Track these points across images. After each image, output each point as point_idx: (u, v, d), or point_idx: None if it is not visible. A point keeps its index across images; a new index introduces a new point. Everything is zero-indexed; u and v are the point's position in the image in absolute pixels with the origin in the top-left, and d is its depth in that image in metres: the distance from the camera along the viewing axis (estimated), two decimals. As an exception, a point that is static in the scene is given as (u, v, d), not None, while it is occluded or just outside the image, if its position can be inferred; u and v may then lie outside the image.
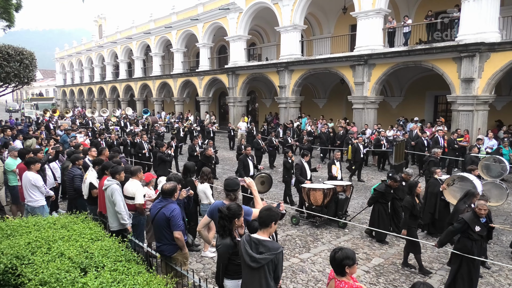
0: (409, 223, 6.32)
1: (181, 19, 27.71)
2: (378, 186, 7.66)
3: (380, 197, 7.53)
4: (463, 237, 5.26)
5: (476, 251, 5.16)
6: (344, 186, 8.68)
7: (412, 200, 6.37)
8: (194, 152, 12.18)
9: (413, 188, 6.49)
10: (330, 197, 8.18)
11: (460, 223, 5.27)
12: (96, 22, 43.14)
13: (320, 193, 8.07)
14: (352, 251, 3.34)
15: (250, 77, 23.17)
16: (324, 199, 8.09)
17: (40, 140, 12.59)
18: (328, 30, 23.14)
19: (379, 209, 7.55)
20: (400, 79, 19.60)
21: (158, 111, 32.29)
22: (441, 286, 5.80)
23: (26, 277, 3.59)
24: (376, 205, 7.62)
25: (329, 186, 8.36)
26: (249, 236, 3.54)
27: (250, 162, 9.61)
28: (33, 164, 6.71)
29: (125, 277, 3.49)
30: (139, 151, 12.69)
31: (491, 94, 13.95)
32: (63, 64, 51.04)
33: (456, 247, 5.34)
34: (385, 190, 7.48)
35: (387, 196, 7.54)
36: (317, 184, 8.79)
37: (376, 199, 7.58)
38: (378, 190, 7.54)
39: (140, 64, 34.89)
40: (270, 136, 15.39)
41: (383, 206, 7.56)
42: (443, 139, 13.58)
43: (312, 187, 8.31)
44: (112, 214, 5.43)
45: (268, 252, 3.35)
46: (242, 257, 3.48)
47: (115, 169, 5.62)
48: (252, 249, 3.40)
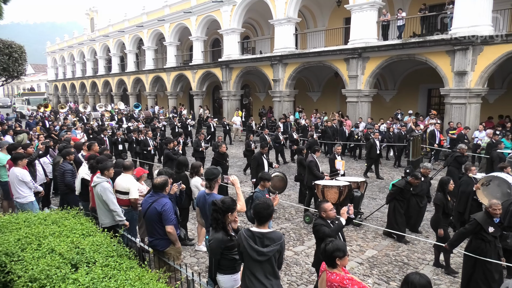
0: (441, 221, 6.01)
1: (174, 12, 27.43)
2: (397, 182, 7.25)
3: (398, 194, 7.15)
4: (475, 238, 4.99)
5: (490, 253, 4.86)
6: (358, 183, 8.27)
7: (444, 197, 6.07)
8: (199, 148, 11.87)
9: (444, 185, 6.16)
10: (346, 195, 7.73)
11: (472, 225, 4.98)
12: (88, 15, 42.54)
13: (336, 191, 7.62)
14: (343, 243, 3.36)
15: (244, 71, 23.05)
16: (340, 197, 7.64)
17: (31, 135, 12.44)
18: (322, 23, 23.05)
19: (395, 206, 7.17)
20: (394, 72, 19.63)
21: (152, 106, 32.06)
22: (434, 277, 5.85)
23: (15, 274, 3.55)
24: (392, 202, 7.25)
25: (344, 183, 7.88)
26: (250, 231, 3.55)
27: (265, 161, 9.18)
28: (20, 160, 6.61)
29: (117, 272, 3.47)
30: (144, 148, 12.36)
31: (483, 87, 14.01)
32: (54, 58, 50.38)
33: (468, 250, 5.05)
34: (404, 186, 7.07)
35: (405, 193, 7.15)
36: (331, 181, 8.30)
37: (394, 195, 7.18)
38: (397, 186, 7.12)
39: (133, 58, 34.55)
40: (277, 132, 14.97)
41: (400, 203, 7.16)
42: (439, 133, 13.64)
43: (327, 184, 7.86)
44: (102, 211, 5.37)
45: (274, 243, 3.44)
46: (245, 252, 3.49)
47: (104, 165, 5.55)
48: (257, 244, 3.44)
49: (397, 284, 5.58)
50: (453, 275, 5.94)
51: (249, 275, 3.53)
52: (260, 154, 9.24)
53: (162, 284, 3.34)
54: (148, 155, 12.30)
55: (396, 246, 6.99)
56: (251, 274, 3.52)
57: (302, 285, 5.59)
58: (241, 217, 8.46)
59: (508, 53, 12.89)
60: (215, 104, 32.24)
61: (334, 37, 20.39)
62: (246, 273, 3.58)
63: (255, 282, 3.48)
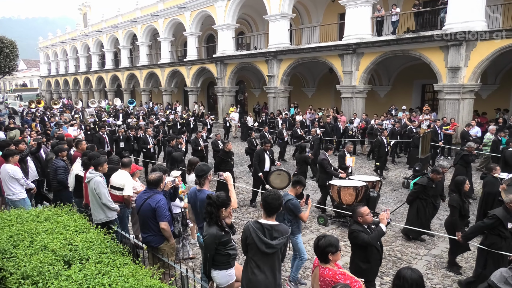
0: (458, 224, 5.79)
1: (168, 7, 27.21)
2: (419, 180, 6.98)
3: (421, 192, 6.86)
4: (491, 234, 4.94)
5: (505, 250, 4.80)
6: (374, 182, 7.95)
7: (460, 198, 5.87)
8: (198, 147, 11.50)
9: (460, 185, 5.97)
10: (362, 195, 7.46)
11: (491, 219, 4.92)
12: (81, 10, 42.08)
13: (352, 191, 7.36)
14: (336, 239, 3.37)
15: (239, 67, 22.98)
16: (357, 198, 7.37)
17: (26, 132, 12.30)
18: (316, 19, 23.01)
19: (418, 206, 6.88)
20: (388, 68, 19.69)
21: (146, 102, 31.89)
22: (427, 271, 5.90)
23: (7, 271, 3.52)
24: (414, 202, 6.95)
25: (361, 183, 7.62)
26: (258, 223, 3.57)
27: (266, 157, 9.08)
28: (11, 157, 6.55)
29: (110, 269, 3.46)
30: (144, 146, 11.89)
31: (477, 82, 14.10)
32: (47, 54, 49.83)
33: (483, 244, 5.00)
34: (427, 183, 6.79)
35: (428, 191, 6.88)
36: (346, 180, 8.02)
37: (417, 194, 6.87)
38: (420, 183, 6.85)
39: (126, 54, 34.27)
40: (280, 128, 14.65)
41: (423, 202, 6.87)
42: (439, 129, 13.45)
43: (344, 184, 7.56)
44: (96, 206, 5.35)
45: (282, 236, 3.50)
46: (253, 244, 3.52)
47: (97, 161, 5.53)
48: (266, 236, 3.48)
49: (390, 279, 5.63)
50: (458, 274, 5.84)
51: (254, 267, 3.54)
52: (263, 151, 9.15)
53: (156, 280, 3.33)
54: (147, 153, 11.89)
55: (390, 242, 7.04)
56: (255, 267, 3.53)
57: (296, 280, 5.61)
58: (236, 213, 8.48)
59: (501, 48, 12.97)
60: (210, 100, 32.14)
61: (329, 32, 20.39)
62: (249, 265, 3.58)
63: (259, 274, 3.50)
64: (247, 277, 3.59)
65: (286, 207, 5.07)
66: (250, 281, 3.55)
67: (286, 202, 5.04)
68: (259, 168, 8.85)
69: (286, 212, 5.13)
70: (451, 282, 5.60)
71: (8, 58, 16.96)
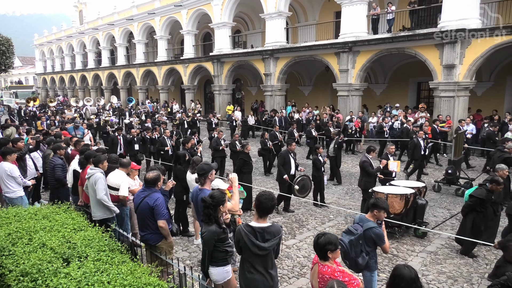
0: None
1: (165, 5, 27.11)
2: (475, 192, 6.27)
3: (478, 205, 6.19)
4: None
5: None
6: (420, 188, 7.40)
7: None
8: (220, 146, 11.12)
9: None
10: (411, 203, 6.96)
11: None
12: (77, 7, 41.85)
13: (402, 199, 6.80)
14: (335, 237, 3.41)
15: (236, 65, 22.97)
16: (406, 206, 6.85)
17: (20, 130, 12.28)
18: (313, 17, 23.03)
19: (475, 219, 6.22)
20: (384, 66, 19.76)
21: (142, 101, 31.78)
22: (422, 268, 5.97)
23: (6, 268, 3.55)
24: (471, 214, 6.29)
25: (410, 190, 7.06)
26: (250, 226, 3.57)
27: (292, 159, 8.49)
28: (9, 155, 6.55)
29: (109, 266, 3.49)
30: (161, 148, 10.99)
31: (472, 80, 14.20)
32: (42, 51, 49.48)
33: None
34: (486, 196, 6.08)
35: (487, 203, 6.17)
36: (393, 187, 7.35)
37: (473, 207, 6.22)
38: (477, 196, 6.13)
39: (123, 52, 34.13)
40: (291, 128, 14.29)
41: (479, 215, 6.19)
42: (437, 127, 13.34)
43: (392, 192, 6.92)
44: (96, 203, 5.37)
45: (274, 238, 3.52)
46: (246, 247, 3.54)
47: (97, 158, 5.56)
48: (258, 239, 3.49)
49: (386, 276, 5.69)
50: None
51: (249, 267, 3.60)
52: (287, 152, 8.55)
53: (154, 278, 3.36)
54: (165, 155, 10.90)
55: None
56: (251, 267, 3.59)
57: (293, 278, 5.67)
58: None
59: (495, 46, 13.06)
60: (207, 98, 32.11)
61: (325, 31, 20.42)
62: (245, 266, 3.64)
63: (255, 274, 3.56)
64: (244, 277, 3.65)
65: (366, 236, 4.20)
66: (248, 281, 3.60)
67: (366, 230, 4.20)
68: (285, 170, 8.34)
69: (365, 242, 4.22)
70: (446, 278, 5.67)
71: (4, 55, 16.85)
